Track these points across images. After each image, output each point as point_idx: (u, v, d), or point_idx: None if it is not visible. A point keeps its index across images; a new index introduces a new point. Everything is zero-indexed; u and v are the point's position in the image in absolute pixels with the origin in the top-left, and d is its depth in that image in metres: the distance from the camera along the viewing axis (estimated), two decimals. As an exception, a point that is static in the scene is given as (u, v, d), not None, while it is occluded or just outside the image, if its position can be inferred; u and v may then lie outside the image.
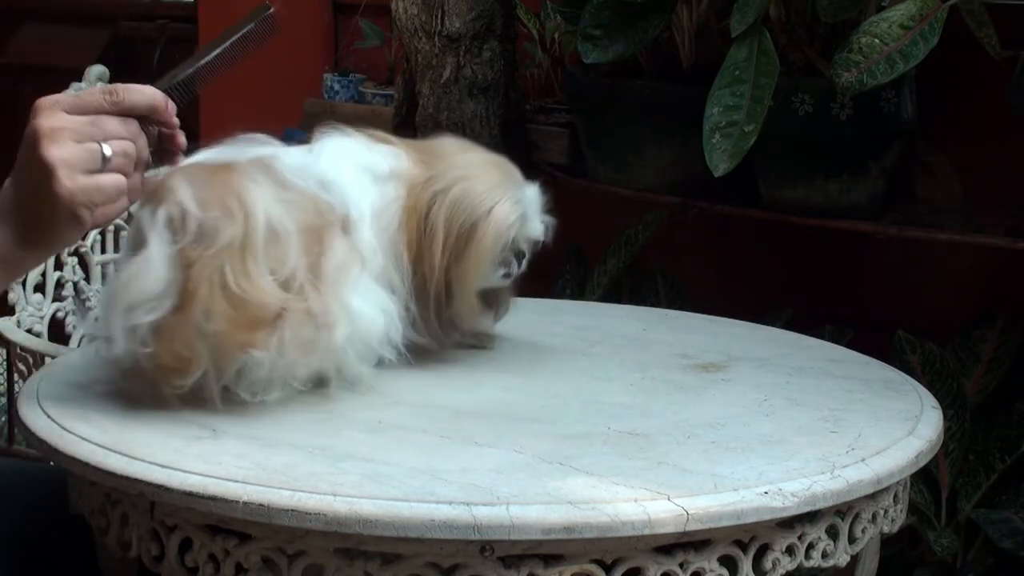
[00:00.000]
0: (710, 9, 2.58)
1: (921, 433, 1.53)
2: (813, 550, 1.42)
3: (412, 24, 2.74)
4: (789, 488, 1.35)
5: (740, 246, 2.87)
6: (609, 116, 2.66)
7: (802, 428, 1.52)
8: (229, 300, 1.43)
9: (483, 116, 2.75)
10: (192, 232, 1.44)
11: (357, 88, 3.35)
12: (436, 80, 2.74)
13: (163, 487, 1.34)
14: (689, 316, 2.03)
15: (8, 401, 2.49)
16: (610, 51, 2.50)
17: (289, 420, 1.50)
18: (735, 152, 2.21)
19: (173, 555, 1.38)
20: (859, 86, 2.13)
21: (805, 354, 1.82)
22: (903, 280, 2.68)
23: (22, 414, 1.52)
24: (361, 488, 1.31)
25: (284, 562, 1.33)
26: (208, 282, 1.43)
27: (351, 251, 1.53)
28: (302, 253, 1.48)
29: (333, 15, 3.59)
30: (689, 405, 1.59)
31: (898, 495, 1.53)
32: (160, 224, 1.44)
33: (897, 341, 2.42)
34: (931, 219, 2.48)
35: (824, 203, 2.46)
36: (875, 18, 2.17)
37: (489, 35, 2.74)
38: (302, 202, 1.51)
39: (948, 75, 2.52)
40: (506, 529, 1.27)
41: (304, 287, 1.47)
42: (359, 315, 1.52)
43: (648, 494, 1.31)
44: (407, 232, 1.61)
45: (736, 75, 2.24)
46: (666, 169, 2.63)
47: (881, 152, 2.44)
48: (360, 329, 1.53)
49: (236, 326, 1.44)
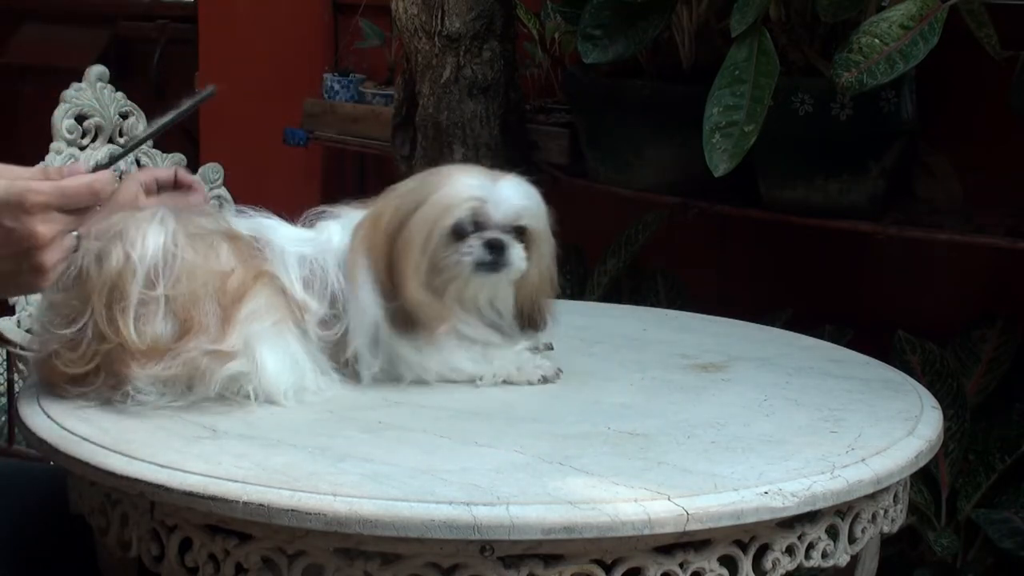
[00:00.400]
0: (710, 9, 2.58)
1: (921, 433, 1.53)
2: (813, 550, 1.42)
3: (412, 24, 2.74)
4: (789, 488, 1.35)
5: (740, 246, 2.87)
6: (609, 116, 2.66)
7: (802, 428, 1.52)
8: (111, 330, 1.50)
9: (483, 116, 2.75)
10: (87, 263, 1.51)
11: (357, 88, 3.35)
12: (436, 80, 2.74)
13: (163, 487, 1.34)
14: (689, 316, 2.03)
15: (8, 401, 2.49)
16: (610, 51, 2.50)
17: (289, 420, 1.50)
18: (735, 152, 2.21)
19: (173, 555, 1.38)
20: (859, 86, 2.13)
21: (805, 354, 1.82)
22: (903, 280, 2.68)
23: (22, 414, 1.52)
24: (361, 488, 1.31)
25: (284, 562, 1.33)
26: (94, 311, 1.50)
27: (271, 304, 1.55)
28: (211, 300, 1.52)
29: (333, 15, 3.59)
30: (689, 405, 1.59)
31: (898, 495, 1.53)
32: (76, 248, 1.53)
33: (897, 341, 2.42)
34: (931, 219, 2.48)
35: (824, 203, 2.46)
36: (875, 18, 2.17)
37: (489, 35, 2.74)
38: (227, 257, 1.55)
39: (948, 75, 2.52)
40: (506, 529, 1.27)
41: (210, 328, 1.51)
42: (261, 360, 1.53)
43: (648, 494, 1.31)
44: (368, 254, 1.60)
45: (736, 75, 2.24)
46: (666, 169, 2.63)
47: (881, 152, 2.44)
48: (259, 372, 1.53)
49: (116, 356, 1.50)
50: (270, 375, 1.53)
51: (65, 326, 1.51)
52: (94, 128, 2.47)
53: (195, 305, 1.51)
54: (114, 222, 1.53)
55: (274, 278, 1.57)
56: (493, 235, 1.60)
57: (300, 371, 1.56)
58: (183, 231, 1.54)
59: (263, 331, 1.54)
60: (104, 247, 1.51)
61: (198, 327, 1.51)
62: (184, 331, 1.51)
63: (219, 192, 2.51)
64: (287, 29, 3.64)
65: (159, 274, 1.51)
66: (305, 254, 1.60)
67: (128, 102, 2.52)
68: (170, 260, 1.51)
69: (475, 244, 1.60)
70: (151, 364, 1.50)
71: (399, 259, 1.58)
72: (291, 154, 3.48)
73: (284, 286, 1.57)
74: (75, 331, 1.51)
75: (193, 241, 1.54)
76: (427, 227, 1.58)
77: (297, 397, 1.55)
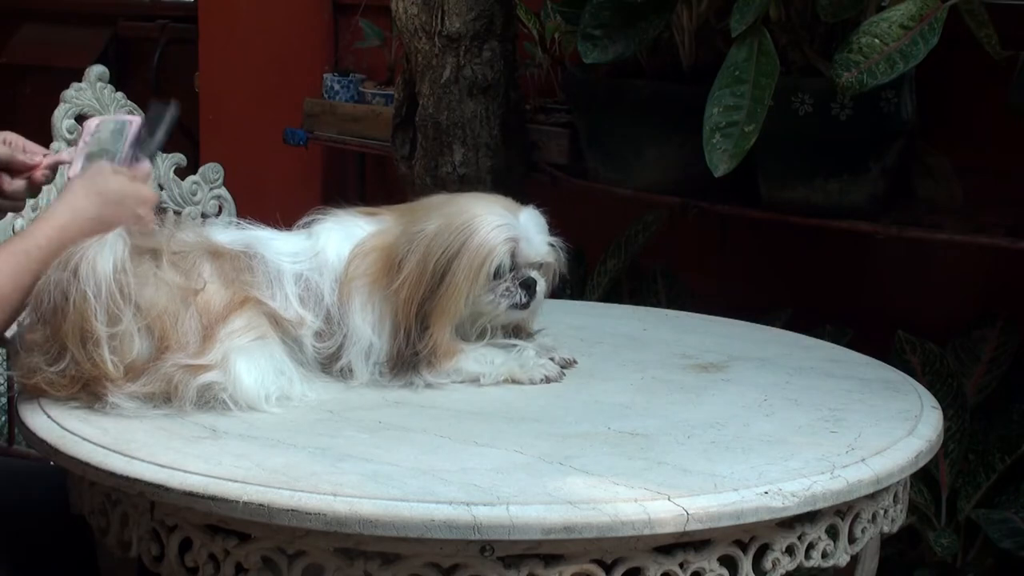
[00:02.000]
0: (710, 9, 2.58)
1: (921, 433, 1.53)
2: (813, 550, 1.42)
3: (412, 24, 2.74)
4: (789, 488, 1.35)
5: (740, 246, 2.87)
6: (609, 116, 2.66)
7: (802, 428, 1.52)
8: (91, 365, 1.53)
9: (483, 116, 2.75)
10: (56, 297, 1.55)
11: (357, 88, 3.35)
12: (436, 80, 2.74)
13: (163, 487, 1.34)
14: (689, 316, 2.03)
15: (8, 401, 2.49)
16: (610, 51, 2.50)
17: (289, 420, 1.50)
18: (735, 152, 2.21)
19: (173, 555, 1.38)
20: (859, 86, 2.13)
21: (805, 354, 1.82)
22: (903, 280, 2.68)
23: (22, 414, 1.52)
24: (361, 488, 1.31)
25: (284, 562, 1.33)
26: (72, 353, 1.53)
27: (254, 321, 1.57)
28: (193, 318, 1.54)
29: (333, 15, 3.59)
30: (689, 405, 1.59)
31: (898, 495, 1.53)
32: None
33: (897, 341, 2.42)
34: (931, 219, 2.48)
35: (824, 203, 2.46)
36: (875, 18, 2.17)
37: (489, 35, 2.74)
38: (209, 276, 1.57)
39: (948, 75, 2.52)
40: (506, 529, 1.27)
41: (190, 344, 1.53)
42: (236, 370, 1.54)
43: (648, 494, 1.31)
44: (373, 280, 1.62)
45: (736, 75, 2.24)
46: (666, 169, 2.63)
47: (881, 152, 2.44)
48: (234, 381, 1.54)
49: (96, 380, 1.52)
50: (245, 384, 1.54)
51: (50, 364, 1.54)
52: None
53: (173, 323, 1.53)
54: (70, 252, 1.56)
55: (260, 304, 1.58)
56: (526, 275, 1.65)
57: (286, 379, 1.57)
58: (142, 253, 1.57)
59: (243, 345, 1.55)
60: (67, 283, 1.54)
61: (176, 344, 1.53)
62: (162, 348, 1.53)
63: (219, 192, 2.51)
64: (287, 29, 3.64)
65: (119, 304, 1.52)
66: (300, 271, 1.61)
67: (128, 102, 2.52)
68: (126, 288, 1.53)
69: (512, 287, 1.64)
70: (129, 384, 1.52)
71: (439, 306, 1.60)
72: (291, 154, 3.48)
73: (273, 310, 1.58)
74: (60, 368, 1.53)
75: (175, 261, 1.57)
76: (471, 275, 1.61)
77: (281, 403, 1.55)
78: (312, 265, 1.62)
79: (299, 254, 1.63)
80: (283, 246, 1.63)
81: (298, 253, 1.63)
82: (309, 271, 1.62)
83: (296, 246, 1.64)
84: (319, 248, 1.64)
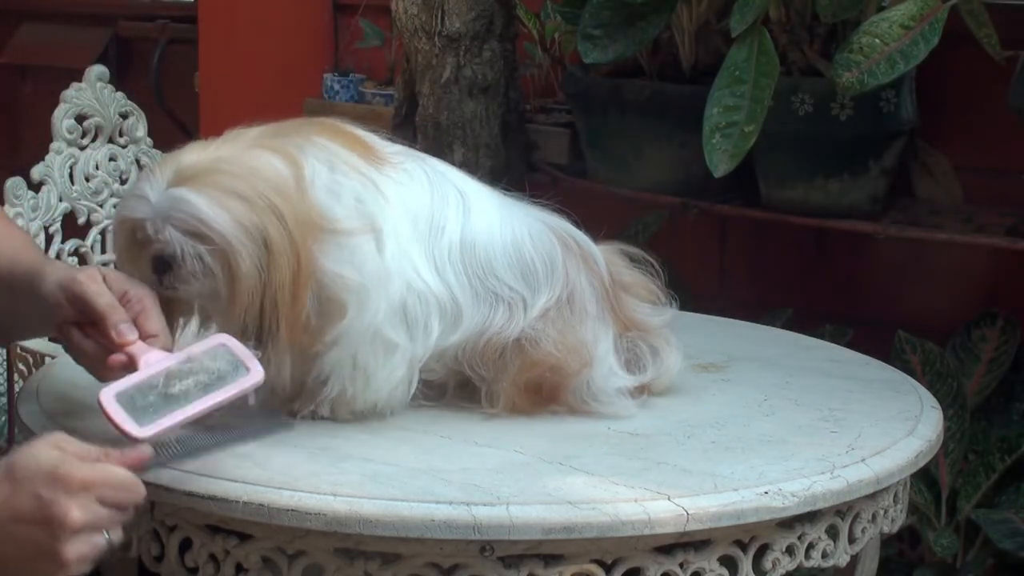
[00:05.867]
0: (710, 9, 2.58)
1: (921, 433, 1.53)
2: (813, 550, 1.42)
3: (412, 24, 2.74)
4: (789, 488, 1.35)
5: (740, 246, 2.86)
6: (609, 116, 2.66)
7: (802, 428, 1.52)
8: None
9: (483, 116, 2.75)
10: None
11: (357, 88, 3.35)
12: (436, 80, 2.74)
13: (163, 487, 1.34)
14: (689, 316, 2.03)
15: (8, 401, 2.48)
16: (610, 51, 2.50)
17: (289, 420, 1.50)
18: (735, 152, 2.21)
19: (173, 555, 1.38)
20: (859, 86, 2.13)
21: (805, 354, 1.82)
22: (903, 280, 2.68)
23: (22, 414, 1.52)
24: (361, 488, 1.31)
25: (284, 562, 1.33)
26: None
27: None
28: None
29: (333, 15, 3.59)
30: (689, 405, 1.59)
31: (898, 495, 1.53)
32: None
33: (897, 341, 2.42)
34: (931, 219, 2.48)
35: (824, 203, 2.46)
36: (875, 18, 2.17)
37: (489, 35, 2.73)
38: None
39: (948, 75, 2.52)
40: (506, 529, 1.27)
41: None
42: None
43: (648, 494, 1.31)
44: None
45: (736, 75, 2.24)
46: (666, 169, 2.63)
47: (881, 152, 2.44)
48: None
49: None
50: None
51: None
52: (94, 128, 2.47)
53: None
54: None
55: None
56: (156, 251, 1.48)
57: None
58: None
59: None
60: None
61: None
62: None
63: (219, 192, 2.51)
64: (287, 29, 3.63)
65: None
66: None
67: (128, 102, 2.52)
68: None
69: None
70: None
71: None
72: (291, 154, 3.47)
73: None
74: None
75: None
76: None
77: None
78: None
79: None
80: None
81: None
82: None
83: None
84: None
